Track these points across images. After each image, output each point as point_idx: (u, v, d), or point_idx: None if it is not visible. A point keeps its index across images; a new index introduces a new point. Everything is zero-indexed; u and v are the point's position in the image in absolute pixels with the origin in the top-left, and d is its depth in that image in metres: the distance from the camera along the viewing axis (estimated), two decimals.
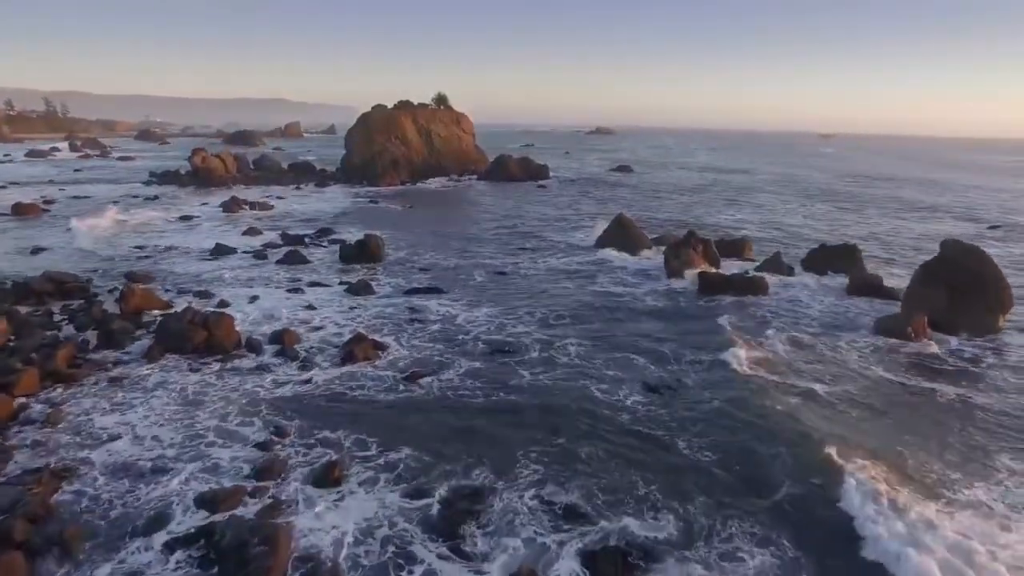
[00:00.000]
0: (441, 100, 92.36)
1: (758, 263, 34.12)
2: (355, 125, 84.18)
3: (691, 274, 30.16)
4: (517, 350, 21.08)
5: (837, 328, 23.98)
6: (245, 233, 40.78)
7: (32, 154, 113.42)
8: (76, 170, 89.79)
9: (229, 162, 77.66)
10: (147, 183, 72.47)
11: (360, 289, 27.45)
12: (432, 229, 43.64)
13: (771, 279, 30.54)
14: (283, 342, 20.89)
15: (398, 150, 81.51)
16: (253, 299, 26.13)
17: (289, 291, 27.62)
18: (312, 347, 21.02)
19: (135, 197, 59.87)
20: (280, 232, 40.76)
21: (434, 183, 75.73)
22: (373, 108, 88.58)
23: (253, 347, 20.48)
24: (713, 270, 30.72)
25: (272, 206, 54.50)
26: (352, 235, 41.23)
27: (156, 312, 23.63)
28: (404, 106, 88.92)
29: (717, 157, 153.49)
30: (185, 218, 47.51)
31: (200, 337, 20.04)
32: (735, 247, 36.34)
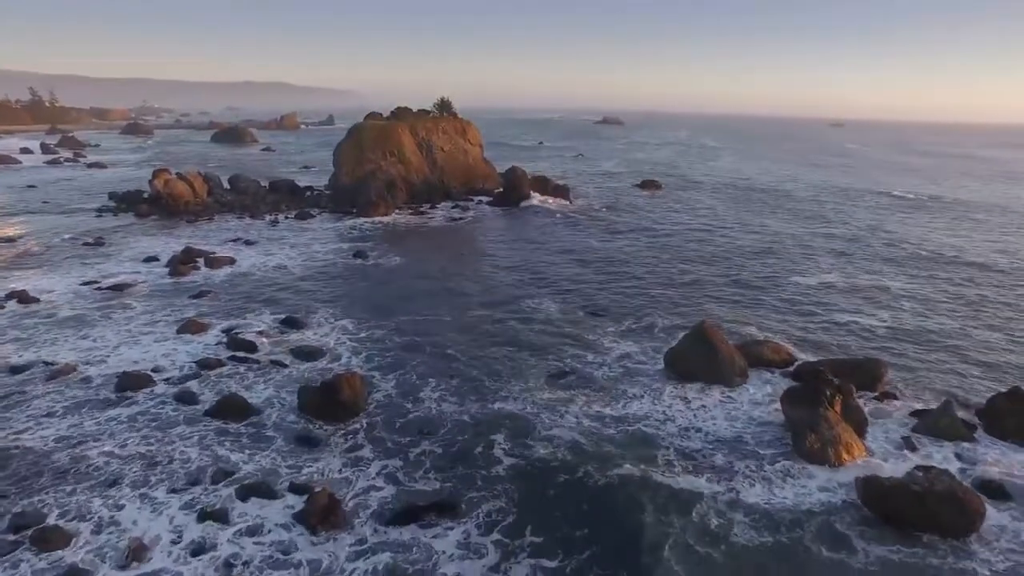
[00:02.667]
0: (444, 107, 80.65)
1: (912, 411, 23.52)
2: (345, 139, 72.61)
3: (840, 459, 19.67)
4: None
5: None
6: (182, 330, 30.04)
7: None
8: (30, 186, 78.82)
9: (198, 185, 66.56)
10: (100, 212, 61.63)
11: (321, 519, 16.66)
12: (432, 318, 32.62)
13: (952, 460, 20.12)
14: None
15: (394, 169, 70.09)
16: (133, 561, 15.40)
17: (207, 516, 16.86)
18: None
19: (72, 241, 49.01)
20: (228, 332, 29.93)
21: (436, 214, 64.37)
22: (365, 117, 77.24)
23: None
24: (874, 460, 20.03)
25: (233, 260, 43.74)
26: (323, 330, 30.67)
27: None
28: (401, 115, 77.37)
29: (743, 160, 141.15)
30: (115, 289, 36.74)
31: None
32: (864, 374, 25.47)
